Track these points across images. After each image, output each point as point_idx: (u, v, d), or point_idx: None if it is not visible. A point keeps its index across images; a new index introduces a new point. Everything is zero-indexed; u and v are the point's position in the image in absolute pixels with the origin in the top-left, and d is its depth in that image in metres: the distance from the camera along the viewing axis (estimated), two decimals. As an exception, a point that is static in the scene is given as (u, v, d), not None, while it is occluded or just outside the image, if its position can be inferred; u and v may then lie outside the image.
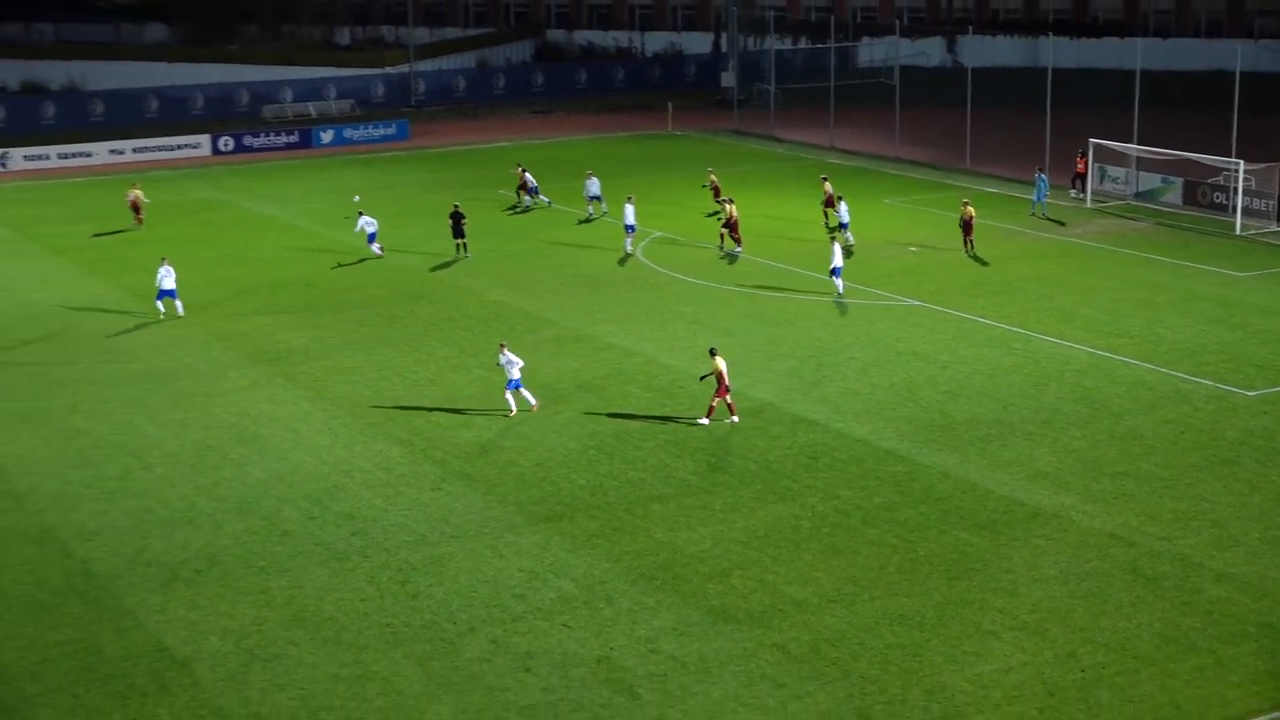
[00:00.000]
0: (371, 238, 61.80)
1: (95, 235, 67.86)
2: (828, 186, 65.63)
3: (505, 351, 41.86)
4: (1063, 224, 65.73)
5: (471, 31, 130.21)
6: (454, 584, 31.99)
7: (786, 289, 55.32)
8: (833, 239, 55.89)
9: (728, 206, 62.23)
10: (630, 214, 61.05)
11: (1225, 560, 32.25)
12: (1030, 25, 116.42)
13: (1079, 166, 71.35)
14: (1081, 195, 70.76)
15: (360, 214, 62.54)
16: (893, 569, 32.22)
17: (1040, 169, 68.70)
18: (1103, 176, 71.47)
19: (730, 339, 49.03)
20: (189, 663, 28.91)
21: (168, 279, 52.82)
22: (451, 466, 38.66)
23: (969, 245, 59.69)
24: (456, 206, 62.04)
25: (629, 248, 61.22)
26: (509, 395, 41.90)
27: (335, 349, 49.26)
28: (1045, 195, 67.26)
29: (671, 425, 41.18)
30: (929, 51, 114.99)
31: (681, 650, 28.91)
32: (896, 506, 35.53)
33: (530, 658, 28.79)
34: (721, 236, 61.85)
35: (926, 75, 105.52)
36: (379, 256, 61.60)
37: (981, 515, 34.89)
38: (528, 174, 72.83)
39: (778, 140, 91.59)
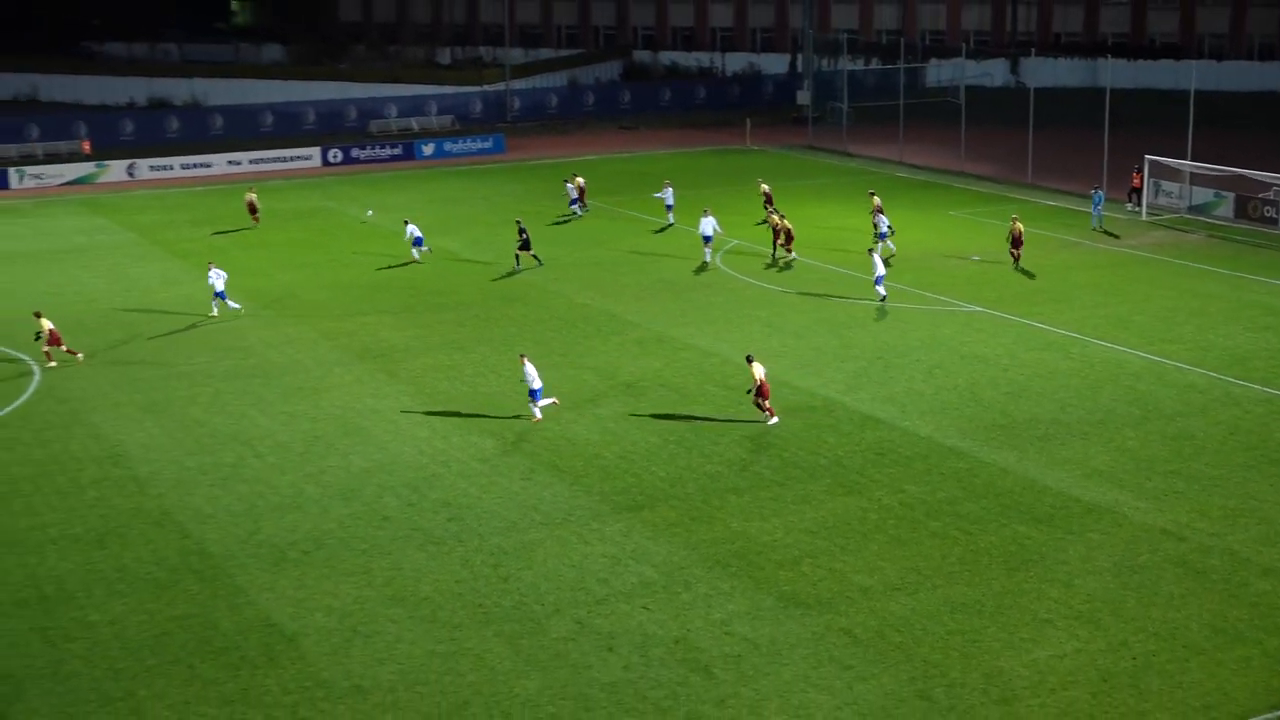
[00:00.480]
0: (418, 241, 62.40)
1: (215, 233, 68.52)
2: (876, 200, 65.31)
3: (526, 364, 41.29)
4: (1117, 236, 65.01)
5: (564, 52, 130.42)
6: (542, 568, 32.06)
7: (855, 295, 55.05)
8: (870, 251, 55.38)
9: (774, 217, 61.92)
10: (707, 225, 60.79)
11: (1272, 555, 31.80)
12: (1090, 47, 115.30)
13: (1135, 181, 70.57)
14: (1137, 208, 69.98)
15: (406, 222, 63.42)
16: (954, 559, 32.01)
17: (1097, 186, 68.03)
18: (1158, 191, 70.68)
19: (801, 341, 48.90)
20: (296, 637, 29.12)
21: (219, 281, 53.23)
22: (541, 458, 38.73)
23: (1017, 258, 59.06)
24: (519, 221, 62.12)
25: (707, 257, 60.96)
26: (540, 403, 41.31)
27: (434, 347, 49.48)
28: (1102, 209, 66.59)
29: (746, 422, 41.09)
30: (993, 72, 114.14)
31: (754, 633, 28.84)
32: (958, 500, 35.30)
33: (612, 638, 28.80)
34: (775, 246, 61.57)
35: (991, 95, 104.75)
36: (418, 261, 62.31)
37: (1039, 510, 34.61)
38: (569, 185, 72.88)
39: (849, 155, 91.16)
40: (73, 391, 45.19)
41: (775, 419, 40.76)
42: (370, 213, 72.37)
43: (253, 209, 71.67)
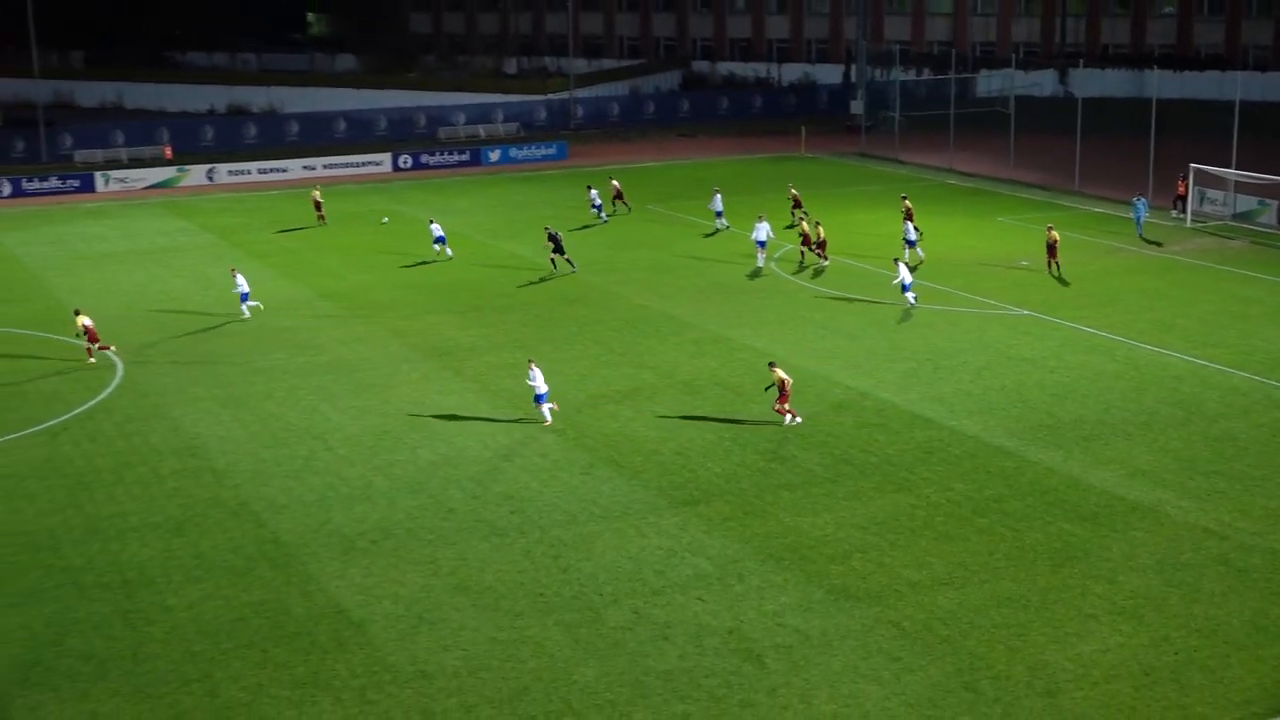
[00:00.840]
0: (440, 239, 63.37)
1: (280, 231, 68.93)
2: (907, 204, 64.97)
3: (533, 368, 40.92)
4: (1159, 244, 64.28)
5: (625, 62, 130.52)
6: (600, 559, 32.07)
7: (904, 298, 54.75)
8: (896, 260, 54.87)
9: (803, 224, 61.51)
10: (761, 231, 60.58)
11: (1312, 555, 31.48)
12: (1137, 59, 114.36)
13: (1180, 189, 69.91)
14: (1182, 216, 69.31)
15: (431, 221, 64.80)
16: (1000, 555, 31.81)
17: (1139, 194, 67.41)
18: (1202, 199, 69.96)
19: (853, 343, 48.72)
20: (364, 624, 29.25)
21: (244, 285, 53.57)
22: (600, 453, 38.76)
23: (1053, 266, 58.34)
24: (549, 228, 62.00)
25: (760, 262, 60.73)
26: (542, 407, 40.89)
27: (499, 346, 49.60)
28: (1144, 217, 65.97)
29: (800, 419, 40.96)
30: (1042, 82, 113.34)
31: (805, 624, 28.76)
32: (1005, 498, 35.07)
33: (668, 627, 28.78)
34: (802, 252, 61.12)
35: (1039, 104, 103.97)
36: (439, 260, 63.28)
37: (1084, 508, 34.34)
38: (591, 192, 72.71)
39: (901, 162, 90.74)
40: (154, 386, 45.58)
41: (798, 419, 40.41)
42: (385, 219, 72.86)
43: (318, 207, 72.68)
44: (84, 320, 47.88)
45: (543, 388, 40.71)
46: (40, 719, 25.92)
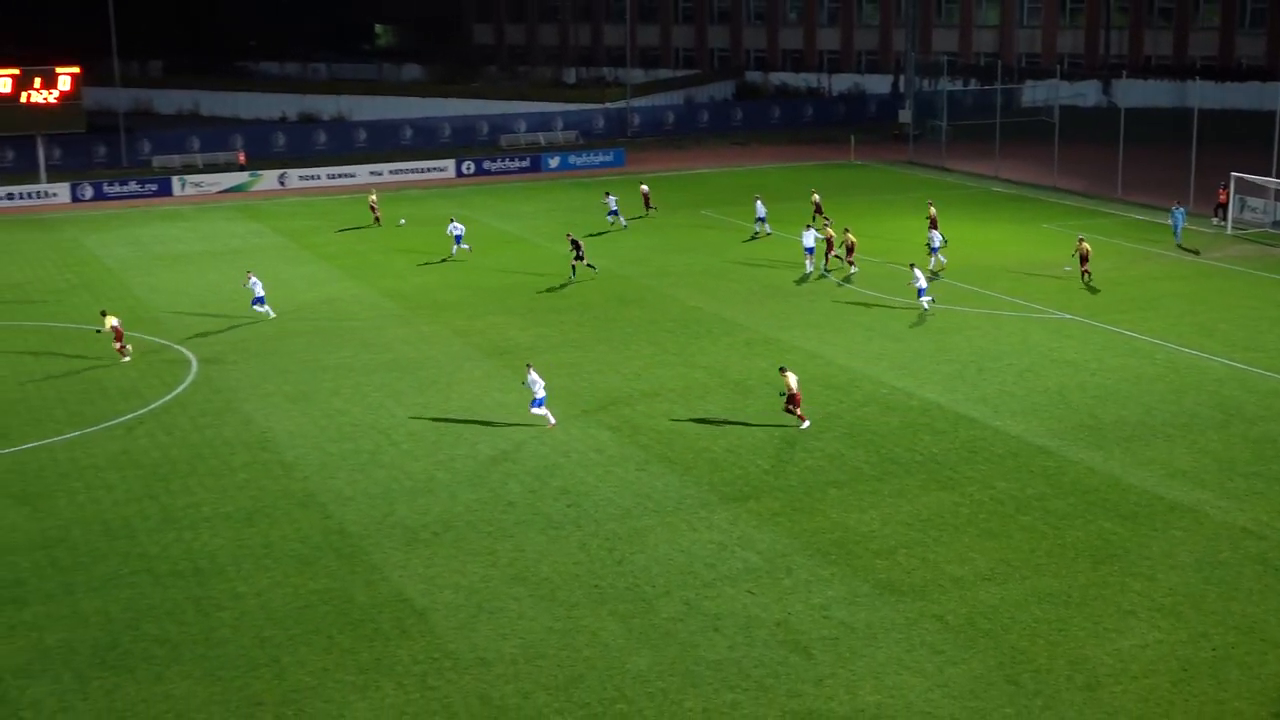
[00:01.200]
0: (458, 239, 64.52)
1: (339, 230, 69.26)
2: (932, 210, 64.46)
3: (531, 372, 40.54)
4: (1197, 252, 63.49)
5: (680, 73, 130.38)
6: (653, 552, 32.07)
7: (951, 302, 54.50)
8: (913, 265, 54.47)
9: (829, 229, 61.08)
10: (809, 236, 60.20)
11: (1349, 555, 31.10)
12: (1179, 70, 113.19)
13: (1221, 197, 69.19)
14: (1223, 223, 68.61)
15: (452, 219, 66.23)
16: (1042, 552, 31.60)
17: (1178, 202, 66.74)
18: (1243, 206, 69.25)
19: (900, 345, 48.52)
20: (426, 612, 29.37)
21: (258, 288, 53.60)
22: (654, 450, 38.75)
23: (1085, 275, 57.68)
24: (570, 235, 61.83)
25: (809, 268, 60.38)
26: (535, 411, 40.39)
27: (556, 346, 49.67)
28: (1183, 225, 65.26)
29: (847, 418, 40.84)
30: (1086, 93, 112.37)
31: (851, 617, 28.67)
32: (1046, 497, 34.84)
33: (718, 619, 28.75)
34: (826, 257, 60.66)
35: (1083, 114, 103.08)
36: (463, 256, 64.36)
37: (1124, 507, 34.06)
38: (609, 198, 72.45)
39: (947, 170, 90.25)
40: (227, 382, 45.92)
41: (806, 423, 40.02)
42: (402, 220, 73.41)
43: (373, 209, 73.71)
44: (111, 321, 48.35)
45: (541, 392, 40.25)
46: (117, 700, 26.17)
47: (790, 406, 39.87)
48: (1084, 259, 57.61)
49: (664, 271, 61.32)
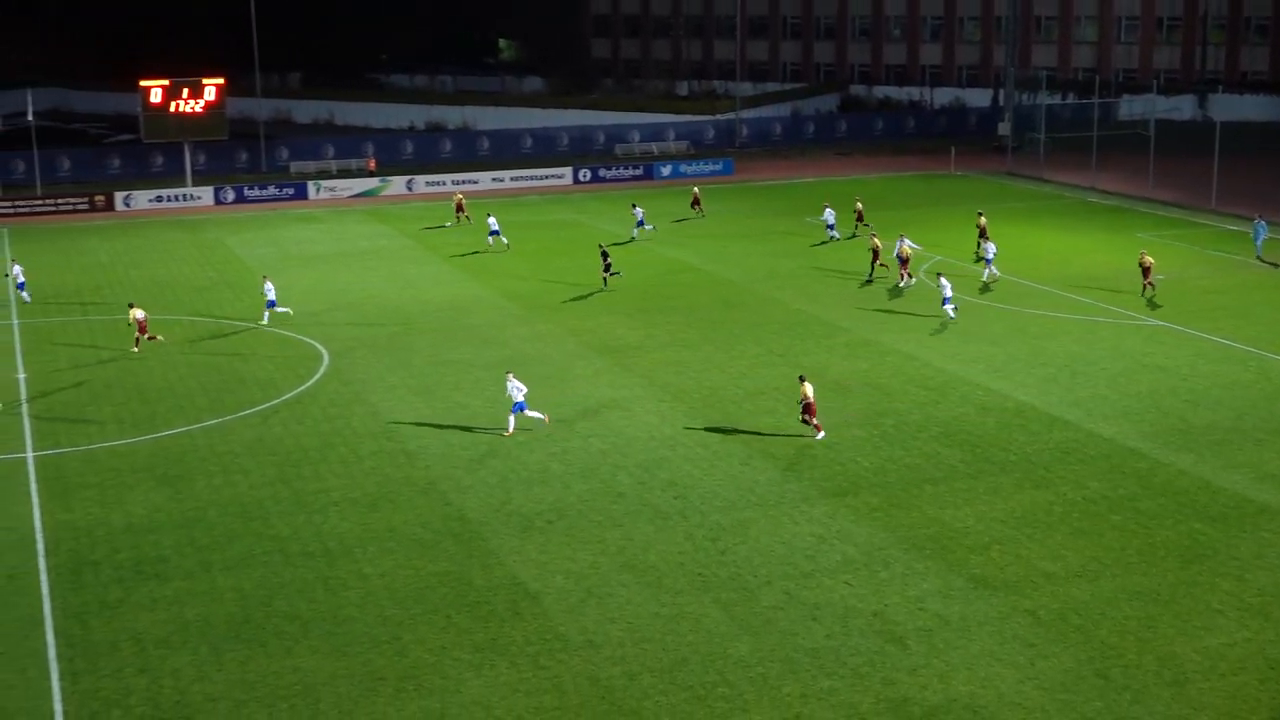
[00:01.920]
0: (495, 232, 67.27)
1: (424, 228, 69.77)
2: (982, 220, 63.24)
3: (512, 379, 39.86)
4: (1276, 265, 61.52)
5: (788, 86, 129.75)
6: (755, 543, 31.96)
7: (1046, 307, 53.73)
8: (940, 275, 53.32)
9: (874, 239, 59.94)
10: (902, 248, 58.82)
11: None
12: (1275, 85, 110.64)
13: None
14: (1313, 235, 66.92)
15: (489, 215, 68.94)
16: (1132, 551, 31.05)
17: (1259, 215, 65.00)
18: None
19: (996, 348, 47.92)
20: (538, 595, 29.50)
21: (271, 292, 53.47)
22: (756, 445, 38.61)
23: (1146, 288, 56.01)
24: (602, 246, 61.45)
25: (903, 281, 58.90)
26: (512, 417, 39.74)
27: (665, 345, 49.66)
28: (1264, 236, 63.44)
29: (944, 418, 40.41)
30: (1182, 107, 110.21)
31: (945, 610, 28.36)
32: (1138, 497, 34.22)
33: (817, 608, 28.59)
34: (872, 266, 59.59)
35: (1179, 128, 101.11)
36: (499, 247, 66.47)
37: (1214, 509, 33.36)
38: (636, 210, 71.91)
39: (1045, 181, 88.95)
40: (355, 375, 46.47)
41: (822, 433, 39.09)
42: (449, 225, 75.10)
43: (459, 209, 75.65)
44: (136, 313, 49.33)
45: (520, 398, 39.62)
46: (249, 671, 26.58)
47: (806, 416, 39.13)
48: (1146, 272, 55.81)
49: (769, 276, 61.06)
